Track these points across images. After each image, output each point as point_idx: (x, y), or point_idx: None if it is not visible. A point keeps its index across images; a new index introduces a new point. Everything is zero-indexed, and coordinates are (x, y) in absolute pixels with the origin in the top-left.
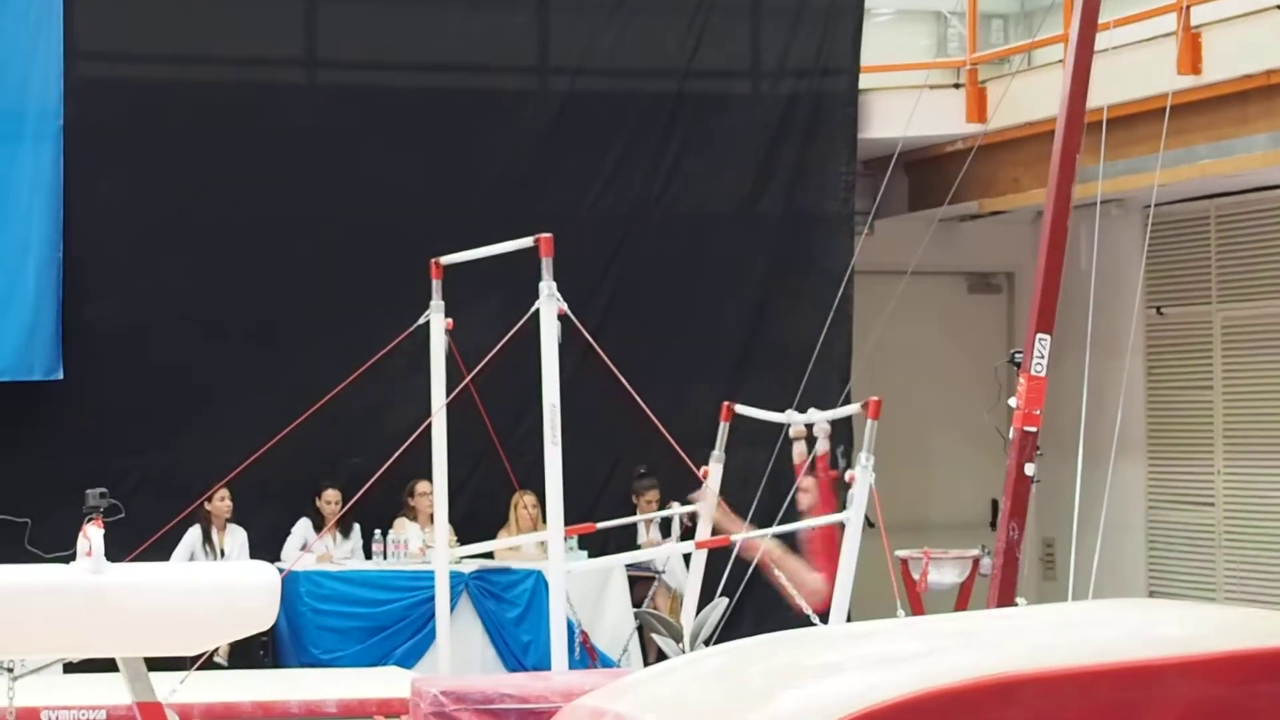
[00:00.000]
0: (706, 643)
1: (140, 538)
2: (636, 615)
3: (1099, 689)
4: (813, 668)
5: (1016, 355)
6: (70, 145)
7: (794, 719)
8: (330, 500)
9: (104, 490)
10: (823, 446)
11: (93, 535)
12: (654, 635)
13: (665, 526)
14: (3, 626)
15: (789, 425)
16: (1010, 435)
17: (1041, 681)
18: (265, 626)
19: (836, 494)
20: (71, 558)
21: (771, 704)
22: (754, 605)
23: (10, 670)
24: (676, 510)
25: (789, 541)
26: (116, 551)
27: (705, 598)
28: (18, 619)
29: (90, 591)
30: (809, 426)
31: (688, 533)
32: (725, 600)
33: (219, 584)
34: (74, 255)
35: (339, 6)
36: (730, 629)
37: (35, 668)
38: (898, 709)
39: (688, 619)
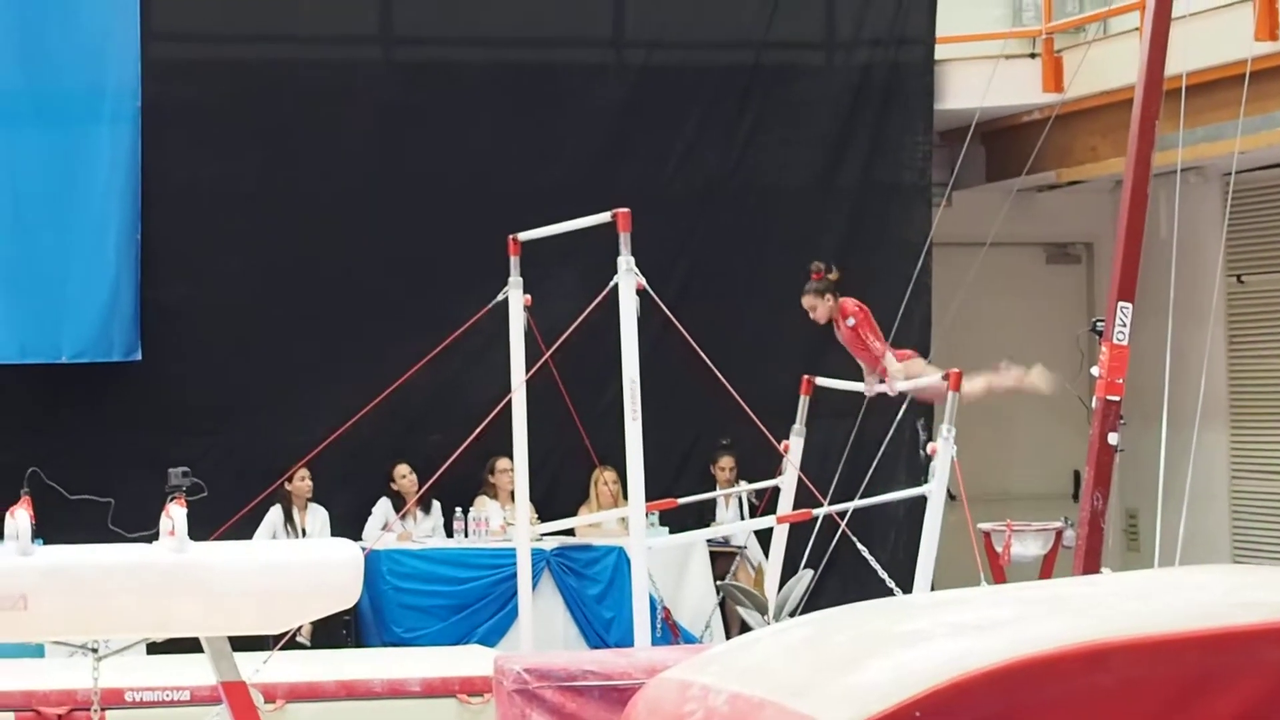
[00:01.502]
0: (791, 615)
1: (221, 518)
2: (719, 589)
3: (1189, 655)
4: (900, 636)
5: (1098, 324)
6: (148, 126)
7: (882, 688)
8: (402, 474)
9: (186, 469)
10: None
11: (175, 514)
12: (738, 608)
13: (749, 500)
14: (87, 607)
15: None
16: (1093, 404)
17: (1131, 648)
18: (349, 604)
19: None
20: (154, 537)
21: (859, 672)
22: (839, 577)
23: (95, 651)
24: (753, 486)
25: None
26: (198, 531)
27: (788, 571)
28: (102, 599)
29: (173, 570)
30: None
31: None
32: (810, 572)
33: (302, 562)
34: (152, 236)
35: None
36: (815, 601)
37: (119, 648)
38: (987, 677)
39: (771, 593)
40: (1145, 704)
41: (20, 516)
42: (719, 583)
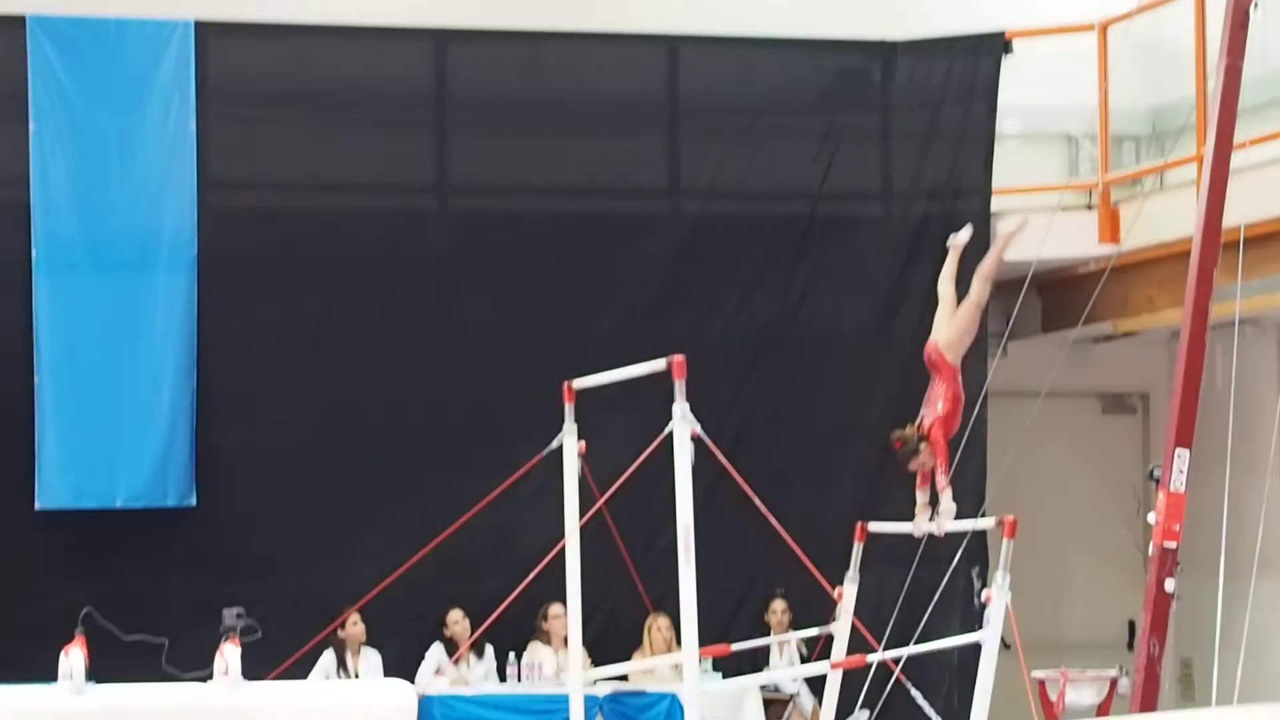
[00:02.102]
0: None
1: (275, 662)
2: None
3: None
4: None
5: (1155, 470)
6: (204, 272)
7: None
8: (455, 620)
9: (240, 610)
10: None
11: (229, 654)
12: None
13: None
14: None
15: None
16: (1149, 551)
17: None
18: None
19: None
20: (208, 678)
21: None
22: (893, 717)
23: None
24: (807, 633)
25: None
26: (251, 675)
27: (843, 714)
28: None
29: (227, 710)
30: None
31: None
32: (866, 713)
33: (356, 703)
34: (208, 382)
35: (470, 132)
36: None
37: None
38: None
39: None
40: None
41: (75, 656)
42: None
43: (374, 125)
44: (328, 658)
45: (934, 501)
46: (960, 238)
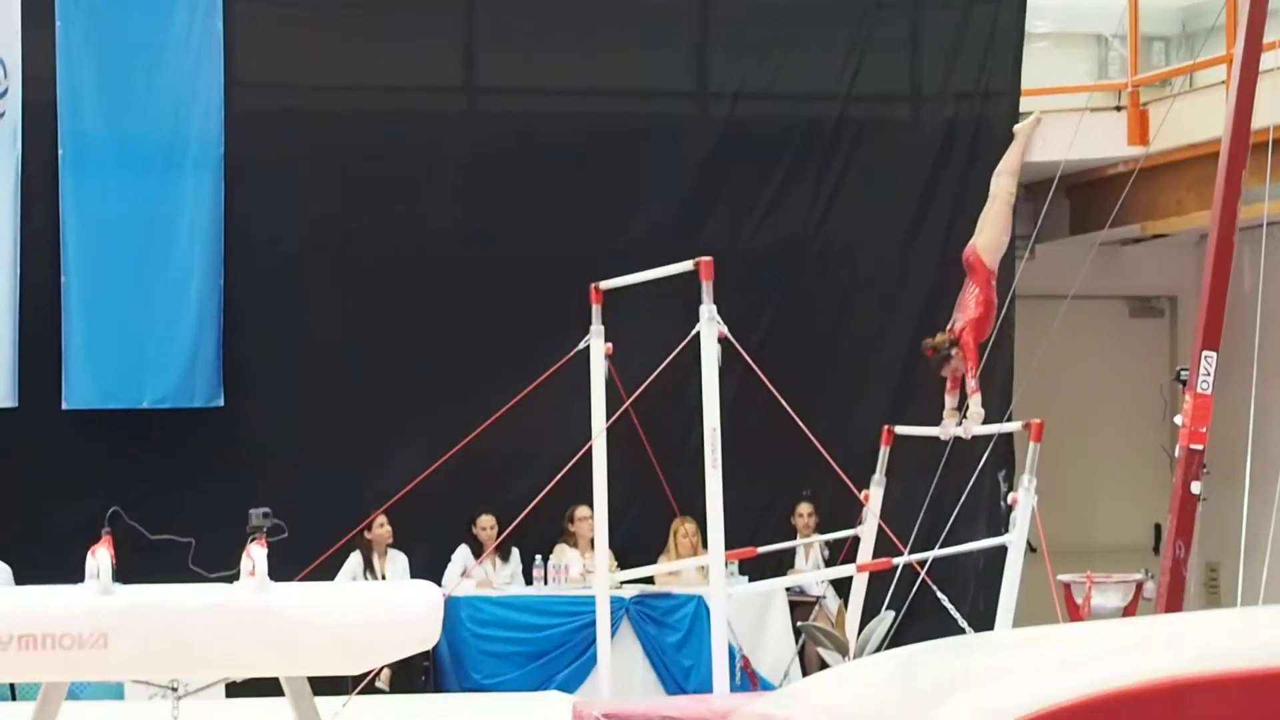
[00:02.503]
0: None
1: (302, 563)
2: (800, 630)
3: (1273, 692)
4: (985, 672)
5: (1182, 373)
6: (231, 174)
7: None
8: (485, 526)
9: (267, 510)
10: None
11: (256, 554)
12: (818, 649)
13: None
14: (167, 646)
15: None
16: (1176, 454)
17: (1214, 684)
18: (428, 645)
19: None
20: (235, 578)
21: (944, 708)
22: (918, 627)
23: (175, 690)
24: (833, 536)
25: None
26: (278, 577)
27: (868, 619)
28: (182, 638)
29: (254, 610)
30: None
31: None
32: (891, 614)
33: (381, 602)
34: (235, 283)
35: (499, 35)
36: (895, 643)
37: (199, 688)
38: (1072, 711)
39: (851, 637)
40: None
41: (101, 556)
42: (800, 623)
43: (402, 26)
44: (354, 559)
45: (962, 406)
46: (1027, 125)
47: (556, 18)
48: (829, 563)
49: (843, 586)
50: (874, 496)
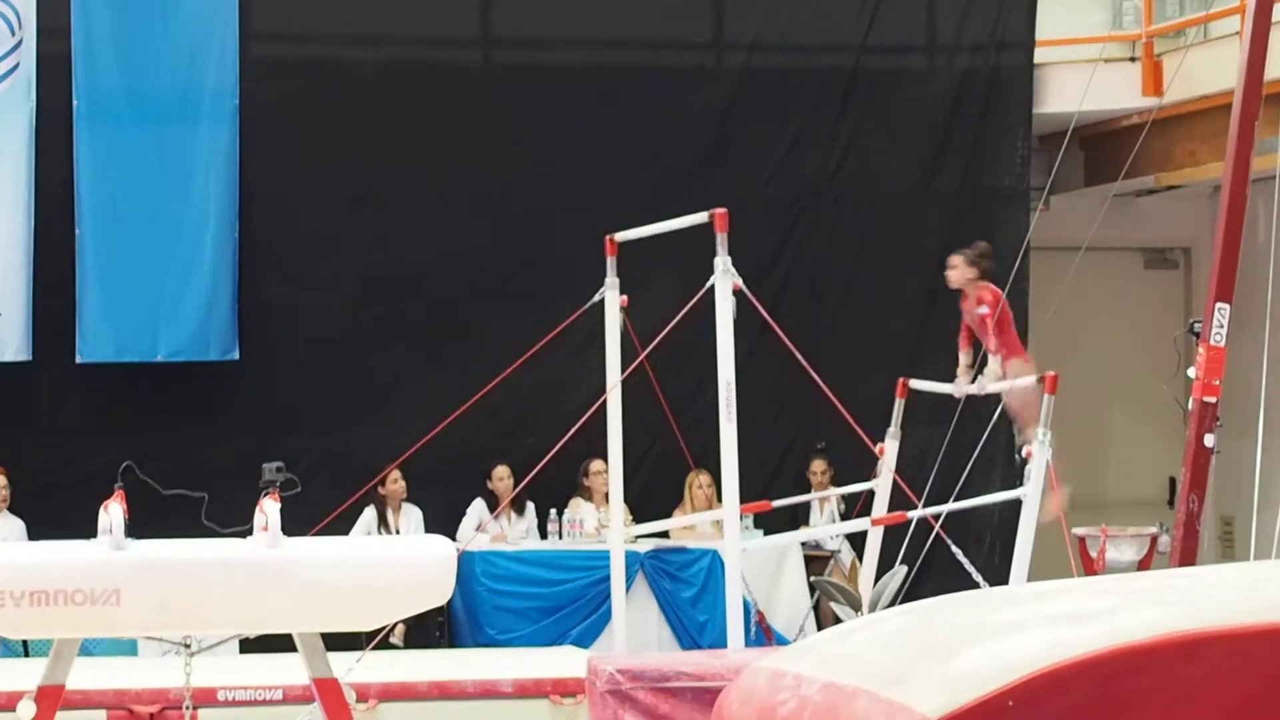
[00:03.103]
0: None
1: (316, 518)
2: (814, 584)
3: None
4: (995, 626)
5: (1196, 325)
6: (246, 125)
7: (976, 676)
8: (501, 477)
9: (280, 464)
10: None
11: (269, 509)
12: (831, 604)
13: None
14: (180, 601)
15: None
16: (1189, 406)
17: (1228, 638)
18: (442, 600)
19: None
20: (248, 533)
21: (955, 661)
22: (932, 580)
23: (188, 646)
24: (848, 489)
25: None
26: (292, 532)
27: (882, 573)
28: (195, 593)
29: (266, 565)
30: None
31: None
32: (904, 568)
33: (395, 557)
34: (250, 236)
35: None
36: (909, 597)
37: (212, 644)
38: (1081, 666)
39: (865, 591)
40: (1241, 694)
41: (114, 511)
42: (813, 578)
43: None
44: (369, 514)
45: (977, 367)
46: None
47: None
48: (844, 516)
49: (858, 540)
50: (889, 450)
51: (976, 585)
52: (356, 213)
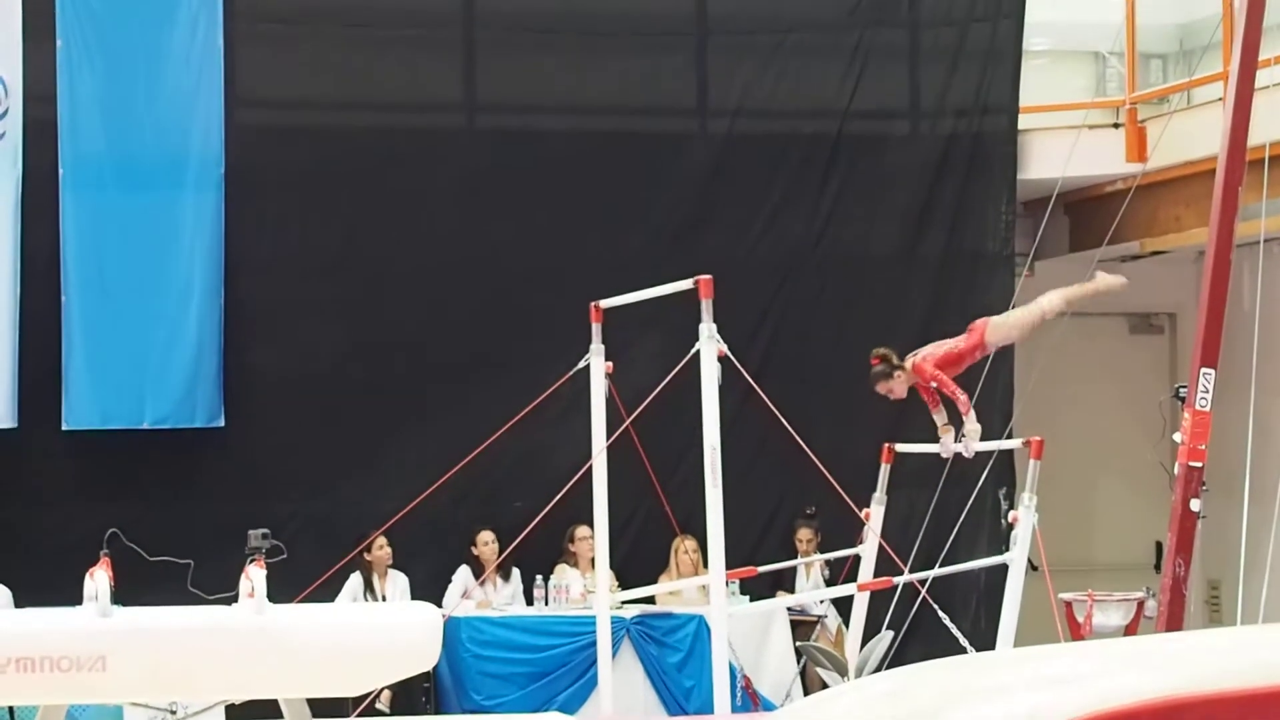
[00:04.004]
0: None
1: (302, 583)
2: (800, 649)
3: (1269, 712)
4: (981, 690)
5: (1181, 390)
6: (232, 191)
7: None
8: (485, 542)
9: (266, 531)
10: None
11: (255, 576)
12: (818, 669)
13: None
14: (166, 668)
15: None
16: (1175, 471)
17: (1212, 703)
18: (427, 666)
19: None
20: (234, 599)
21: None
22: (919, 645)
23: (173, 713)
24: (833, 555)
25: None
26: (278, 598)
27: (869, 639)
28: (180, 660)
29: (253, 632)
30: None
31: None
32: (890, 634)
33: (380, 624)
34: (235, 302)
35: (498, 51)
36: (895, 662)
37: (198, 710)
38: None
39: (851, 657)
40: None
41: (100, 578)
42: (799, 644)
43: (401, 42)
44: (355, 580)
45: (954, 424)
46: (1109, 282)
47: (555, 34)
48: (830, 581)
49: (844, 605)
50: (875, 515)
51: (963, 650)
52: (341, 278)
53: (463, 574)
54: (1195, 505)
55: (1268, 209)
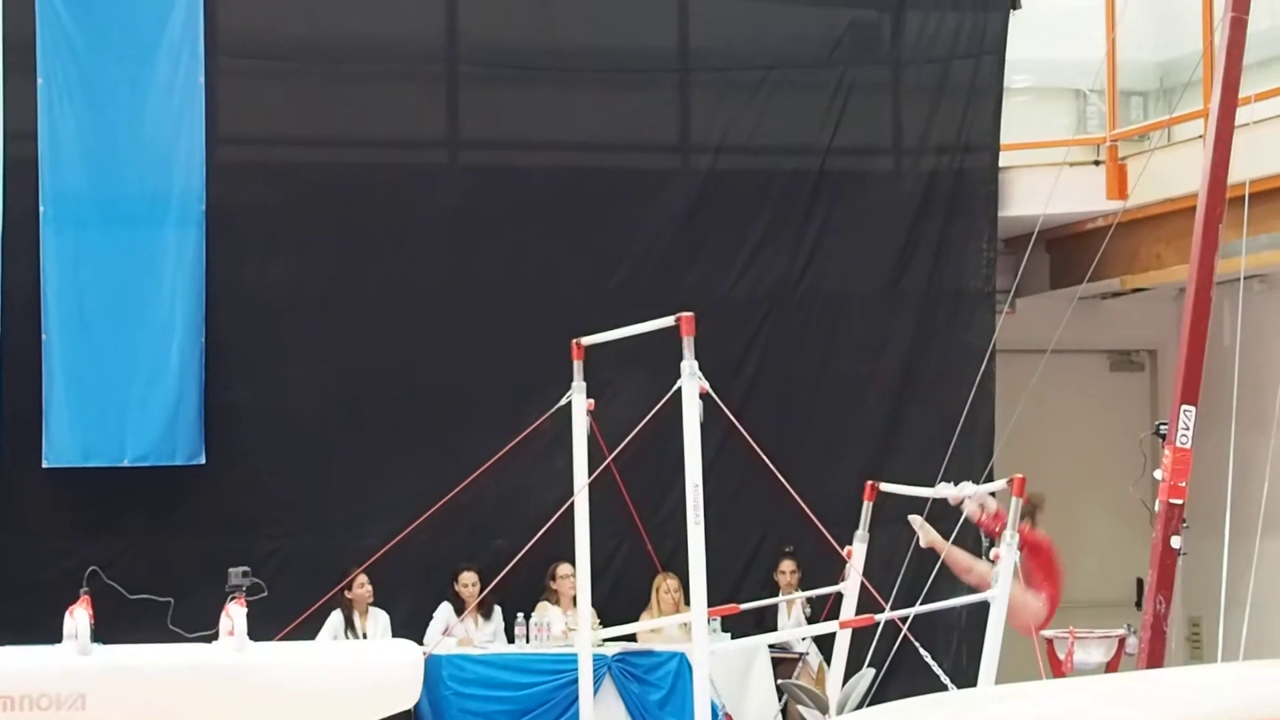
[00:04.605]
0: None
1: (283, 621)
2: (782, 686)
3: None
4: None
5: (1161, 427)
6: (213, 229)
7: None
8: (467, 583)
9: (246, 569)
10: (990, 505)
11: (235, 614)
12: (799, 707)
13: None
14: (146, 707)
15: (935, 499)
16: (1156, 508)
17: None
18: (408, 704)
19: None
20: (214, 638)
21: None
22: (901, 682)
23: None
24: (815, 593)
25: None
26: (259, 635)
27: (850, 676)
28: (161, 699)
29: (233, 670)
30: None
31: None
32: (871, 671)
33: (361, 662)
34: (217, 339)
35: (481, 87)
36: (877, 699)
37: None
38: None
39: (833, 695)
40: None
41: (79, 616)
42: (781, 681)
43: (383, 79)
44: (336, 618)
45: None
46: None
47: (538, 70)
48: (812, 619)
49: (826, 642)
50: (857, 553)
51: (944, 687)
52: (323, 315)
53: (444, 611)
54: (1176, 542)
55: (1248, 246)
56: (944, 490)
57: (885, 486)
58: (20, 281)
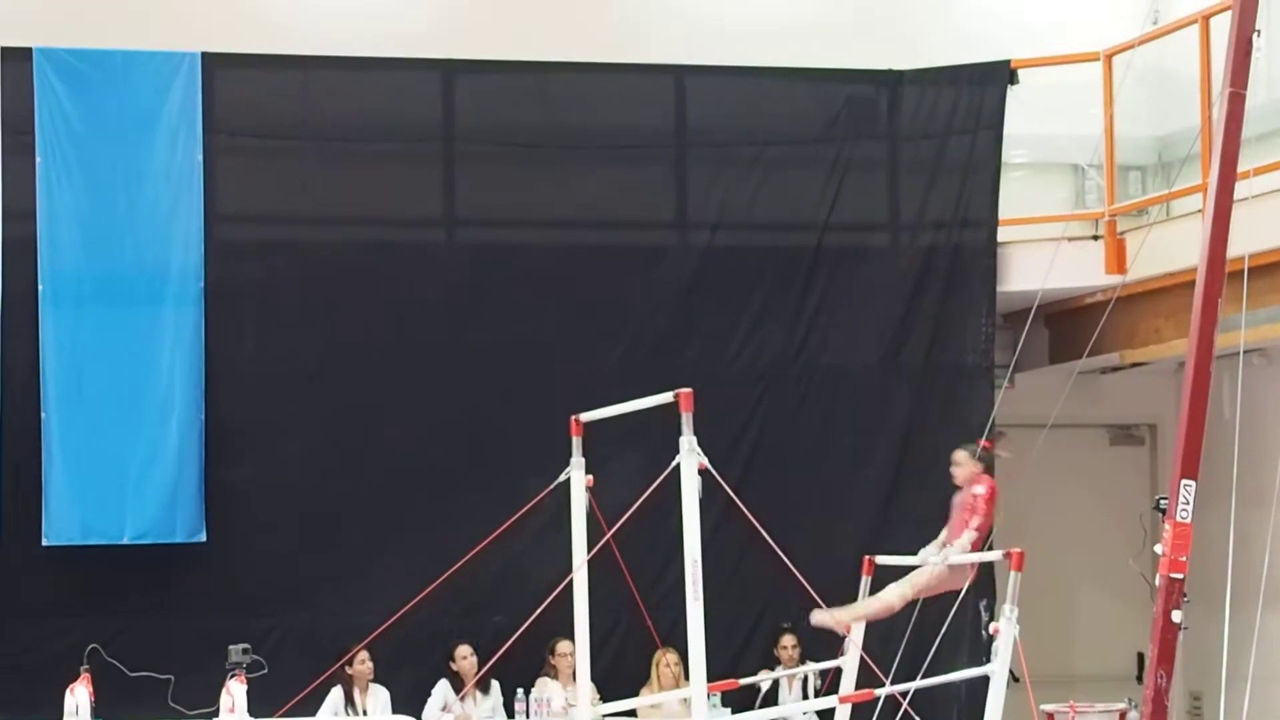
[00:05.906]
0: None
1: (283, 698)
2: None
3: None
4: None
5: (1162, 501)
6: (212, 306)
7: None
8: (463, 656)
9: (247, 646)
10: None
11: (235, 691)
12: None
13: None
14: None
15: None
16: (1156, 582)
17: None
18: None
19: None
20: (215, 715)
21: None
22: None
23: None
24: (815, 667)
25: None
26: (260, 712)
27: None
28: None
29: None
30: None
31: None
32: None
33: None
34: (215, 417)
35: (477, 164)
36: None
37: None
38: None
39: None
40: None
41: (80, 694)
42: None
43: (381, 157)
44: (336, 694)
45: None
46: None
47: (535, 148)
48: (812, 693)
49: (827, 717)
50: (856, 628)
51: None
52: (321, 393)
53: (442, 688)
54: (1177, 617)
55: (1247, 320)
56: (934, 559)
57: (882, 560)
58: (20, 360)
